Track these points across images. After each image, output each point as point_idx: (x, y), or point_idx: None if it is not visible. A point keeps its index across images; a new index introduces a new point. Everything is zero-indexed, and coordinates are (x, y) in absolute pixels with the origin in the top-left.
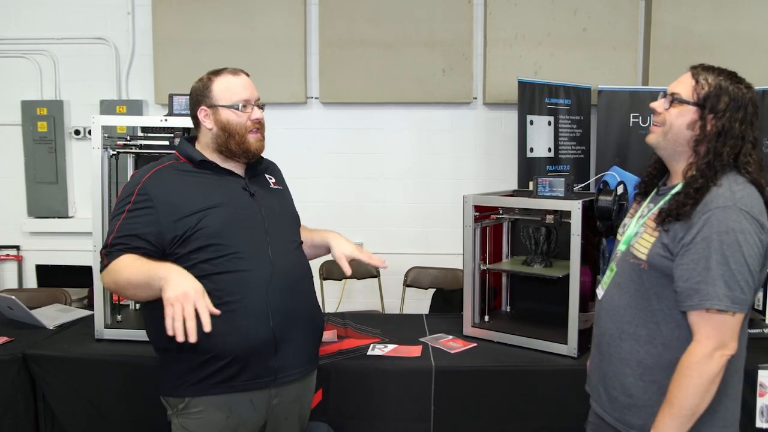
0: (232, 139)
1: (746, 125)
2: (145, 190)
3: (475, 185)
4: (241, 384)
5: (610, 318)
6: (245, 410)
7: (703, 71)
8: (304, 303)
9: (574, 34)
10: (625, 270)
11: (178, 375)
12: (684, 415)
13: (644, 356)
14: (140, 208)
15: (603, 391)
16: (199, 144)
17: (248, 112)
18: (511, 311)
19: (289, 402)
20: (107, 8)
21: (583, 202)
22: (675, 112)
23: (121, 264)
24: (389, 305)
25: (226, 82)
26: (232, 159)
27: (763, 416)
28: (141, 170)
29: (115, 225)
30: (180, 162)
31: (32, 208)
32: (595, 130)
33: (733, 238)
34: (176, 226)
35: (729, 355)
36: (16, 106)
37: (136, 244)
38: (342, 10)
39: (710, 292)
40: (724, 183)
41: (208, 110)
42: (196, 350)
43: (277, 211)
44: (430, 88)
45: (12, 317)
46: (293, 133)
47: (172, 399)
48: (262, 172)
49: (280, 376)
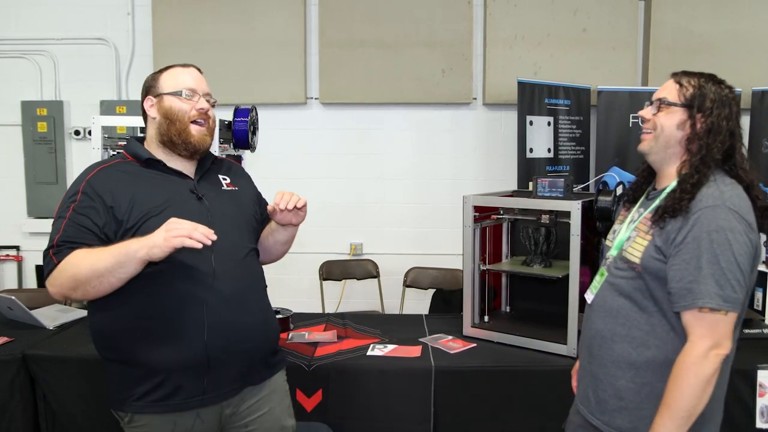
0: (173, 127)
1: (733, 122)
2: (89, 187)
3: (474, 185)
4: (180, 403)
5: (602, 321)
6: (192, 424)
7: (685, 75)
8: (250, 313)
9: (574, 34)
10: (618, 274)
11: (120, 389)
12: (682, 416)
13: (636, 358)
14: (86, 206)
15: (591, 393)
16: (146, 142)
17: (194, 101)
18: (510, 311)
19: (250, 411)
20: (107, 8)
21: (582, 203)
22: (663, 115)
23: (76, 258)
24: (389, 305)
25: (174, 72)
26: (177, 154)
27: (763, 416)
28: (86, 169)
29: (61, 224)
30: (126, 161)
31: (32, 208)
32: (594, 130)
33: (723, 237)
34: (117, 227)
35: (724, 355)
36: (16, 107)
37: (86, 239)
38: (342, 10)
39: (702, 291)
40: (713, 183)
41: (153, 100)
42: (134, 363)
43: (229, 215)
44: (430, 89)
45: (12, 317)
46: (293, 133)
47: (120, 413)
48: (216, 172)
49: (212, 395)
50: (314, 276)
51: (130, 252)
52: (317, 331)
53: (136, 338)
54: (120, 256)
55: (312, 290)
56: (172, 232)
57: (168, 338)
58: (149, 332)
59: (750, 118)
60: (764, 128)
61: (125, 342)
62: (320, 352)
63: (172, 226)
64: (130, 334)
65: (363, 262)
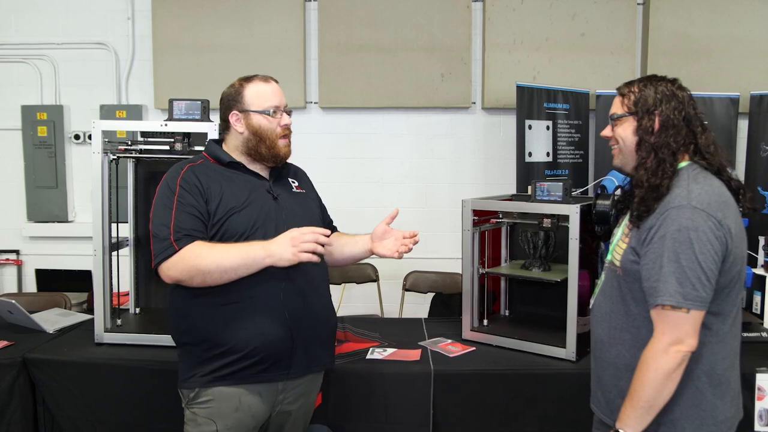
0: (262, 144)
1: (685, 111)
2: (185, 182)
3: (473, 189)
4: (252, 376)
5: (600, 324)
6: (254, 402)
7: (626, 86)
8: (317, 304)
9: (573, 39)
10: (609, 277)
11: (190, 367)
12: (642, 407)
13: (631, 360)
14: (188, 196)
15: (600, 394)
16: (226, 146)
17: (278, 117)
18: (509, 315)
19: (295, 397)
20: (107, 13)
21: (581, 207)
22: (619, 129)
23: (200, 249)
24: (388, 309)
25: (258, 88)
26: (260, 162)
27: (761, 420)
28: (174, 168)
29: (170, 214)
30: (209, 162)
31: (32, 212)
32: (593, 134)
33: (685, 236)
34: (208, 219)
35: (686, 351)
36: (16, 111)
37: (199, 227)
38: (341, 15)
39: (662, 288)
40: (683, 182)
41: (239, 114)
42: (213, 343)
43: (298, 214)
44: (429, 93)
45: (12, 321)
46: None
47: (185, 390)
48: (286, 175)
49: (292, 372)
50: None
51: (258, 258)
52: None
53: (219, 321)
54: (248, 260)
55: None
56: (300, 246)
57: (250, 319)
58: (234, 316)
59: (748, 122)
60: (763, 132)
61: (208, 325)
62: None
63: (298, 240)
64: (214, 318)
65: (362, 266)
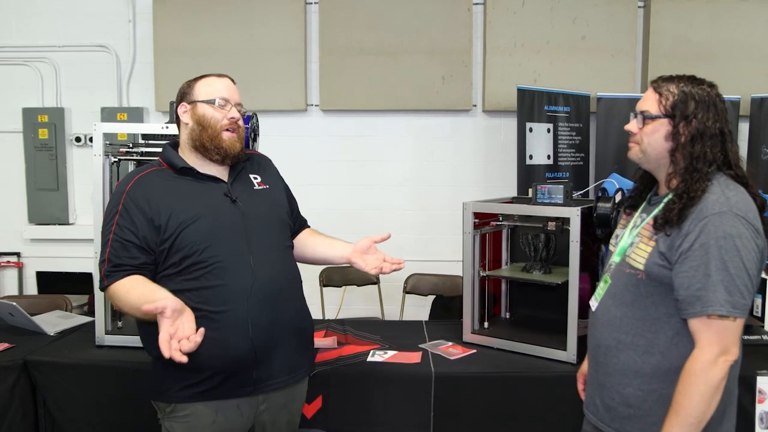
0: (205, 133)
1: (720, 122)
2: (129, 200)
3: (474, 192)
4: (224, 392)
5: (606, 329)
6: (232, 415)
7: (664, 82)
8: (288, 311)
9: (573, 42)
10: (621, 281)
11: (165, 381)
12: (691, 423)
13: (642, 365)
14: (128, 220)
15: (599, 401)
16: (180, 148)
17: (226, 110)
18: (510, 318)
19: (277, 408)
20: (108, 16)
21: (582, 209)
22: (648, 129)
23: (124, 289)
24: (389, 312)
25: (209, 80)
26: (210, 160)
27: (762, 423)
28: (124, 179)
29: (108, 238)
30: (162, 169)
31: (33, 214)
32: (594, 137)
33: (731, 244)
34: (157, 237)
35: (732, 361)
36: (17, 114)
37: (132, 254)
38: (342, 18)
39: (711, 298)
40: (716, 188)
41: (187, 106)
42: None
43: (263, 216)
44: (430, 96)
45: (13, 324)
46: (293, 140)
47: (161, 403)
48: (248, 172)
49: (262, 385)
50: (314, 282)
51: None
52: (317, 337)
53: None
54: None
55: (312, 297)
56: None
57: (215, 338)
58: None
59: (749, 125)
60: (763, 135)
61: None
62: (320, 358)
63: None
64: None
65: None
